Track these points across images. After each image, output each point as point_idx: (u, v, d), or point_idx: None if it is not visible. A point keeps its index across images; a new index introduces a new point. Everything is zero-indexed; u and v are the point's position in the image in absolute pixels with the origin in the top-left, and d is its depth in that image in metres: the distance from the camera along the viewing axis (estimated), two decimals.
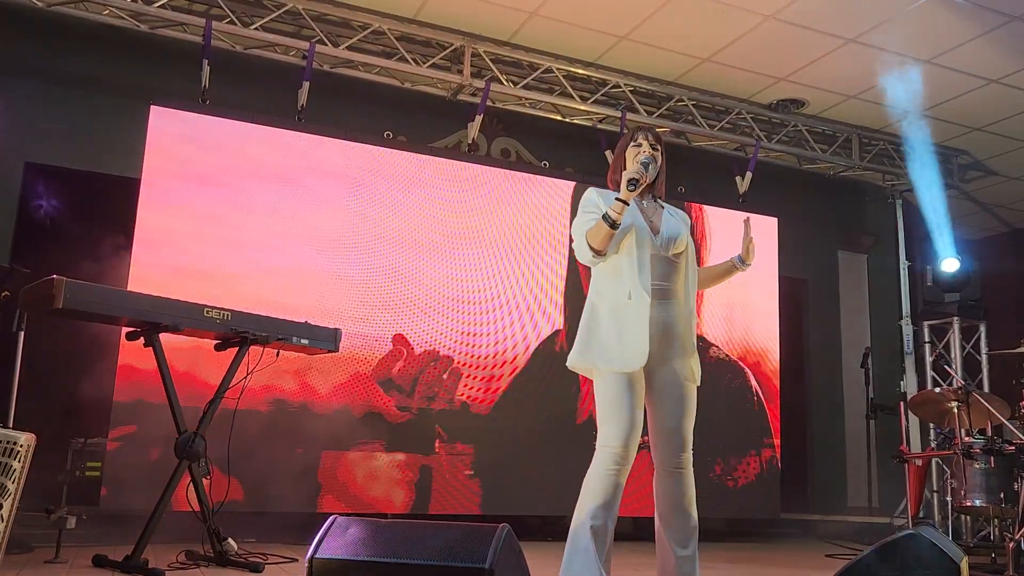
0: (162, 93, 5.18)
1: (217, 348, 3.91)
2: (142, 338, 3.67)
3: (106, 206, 5.02)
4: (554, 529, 5.23)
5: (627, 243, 2.92)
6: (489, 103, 6.08)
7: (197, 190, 5.06)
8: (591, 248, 2.90)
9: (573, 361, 3.00)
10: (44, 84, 5.29)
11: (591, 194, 3.03)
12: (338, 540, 2.15)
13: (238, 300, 4.76)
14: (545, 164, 6.58)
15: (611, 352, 2.88)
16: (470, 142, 6.18)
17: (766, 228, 6.85)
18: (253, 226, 5.18)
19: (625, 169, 2.96)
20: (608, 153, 6.47)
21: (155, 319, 3.58)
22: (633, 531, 5.42)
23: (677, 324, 2.96)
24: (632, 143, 3.06)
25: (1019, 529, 4.44)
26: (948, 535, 5.58)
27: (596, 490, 2.85)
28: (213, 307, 3.76)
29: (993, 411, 5.04)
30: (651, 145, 3.03)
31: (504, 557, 2.07)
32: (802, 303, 7.83)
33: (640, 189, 2.82)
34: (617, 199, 2.82)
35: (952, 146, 7.35)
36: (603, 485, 2.84)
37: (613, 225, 2.83)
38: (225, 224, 5.11)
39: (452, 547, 2.07)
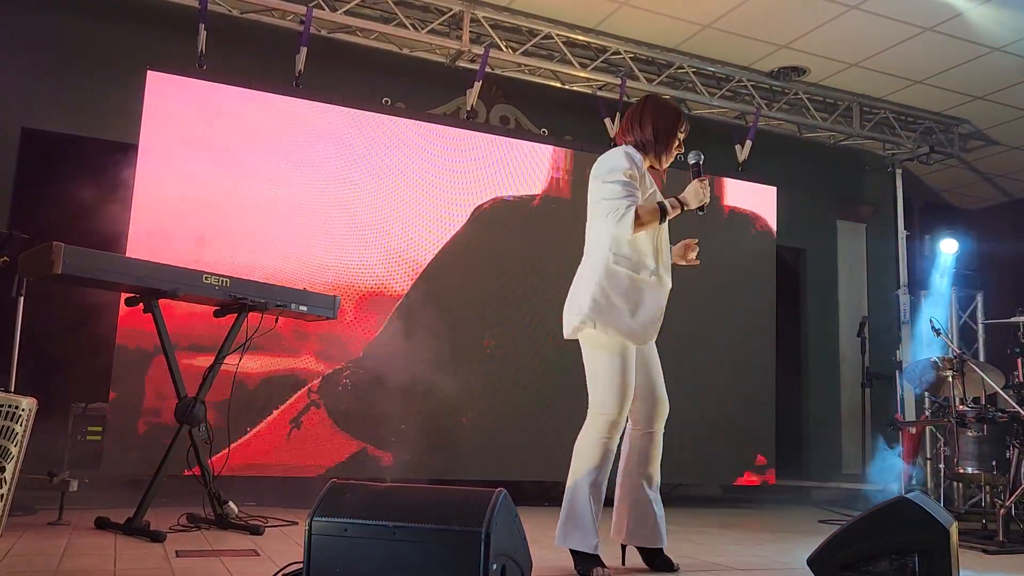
0: (159, 59, 5.14)
1: (216, 315, 3.93)
2: (141, 304, 3.68)
3: (104, 172, 5.00)
4: (550, 495, 5.29)
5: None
6: (488, 69, 6.03)
7: (195, 156, 5.04)
8: (637, 225, 2.87)
9: (584, 317, 2.92)
10: (41, 49, 5.25)
11: (626, 162, 2.99)
12: (337, 504, 2.18)
13: (236, 266, 4.78)
14: (544, 131, 6.56)
15: (627, 323, 2.93)
16: (469, 109, 6.14)
17: (765, 197, 6.86)
18: (251, 192, 5.16)
19: (676, 148, 3.17)
20: (608, 121, 6.44)
21: (154, 285, 3.59)
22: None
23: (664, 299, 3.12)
24: (680, 129, 3.18)
25: (1010, 496, 4.50)
26: (940, 502, 5.64)
27: (591, 455, 2.90)
28: (212, 273, 3.77)
29: (987, 380, 5.09)
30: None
31: (501, 521, 2.10)
32: (800, 272, 7.85)
33: None
34: (685, 209, 2.98)
35: (953, 115, 7.31)
36: (598, 450, 2.90)
37: (660, 220, 2.95)
38: (223, 190, 5.09)
39: (449, 511, 2.10)
